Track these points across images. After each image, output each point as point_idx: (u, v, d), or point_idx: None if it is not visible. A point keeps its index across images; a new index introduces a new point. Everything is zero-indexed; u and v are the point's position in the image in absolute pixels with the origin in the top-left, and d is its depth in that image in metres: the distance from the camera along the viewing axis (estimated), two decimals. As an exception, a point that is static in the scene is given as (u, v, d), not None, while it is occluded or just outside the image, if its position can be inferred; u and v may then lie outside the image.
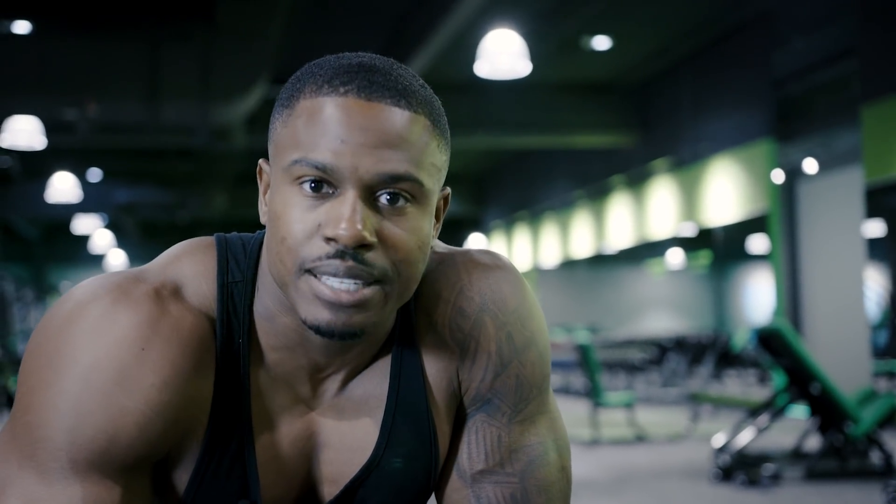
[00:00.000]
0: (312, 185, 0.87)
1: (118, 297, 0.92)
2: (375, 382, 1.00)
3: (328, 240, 0.87)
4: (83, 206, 15.60)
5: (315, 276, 0.88)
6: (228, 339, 0.96)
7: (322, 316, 0.88)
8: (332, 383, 1.00)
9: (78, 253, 20.77)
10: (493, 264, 1.03)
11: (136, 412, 0.90)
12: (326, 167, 0.86)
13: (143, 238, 19.30)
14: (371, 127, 0.87)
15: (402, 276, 0.90)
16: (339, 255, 0.86)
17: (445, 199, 0.98)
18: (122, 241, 19.89)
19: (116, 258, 20.71)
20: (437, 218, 0.97)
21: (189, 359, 0.92)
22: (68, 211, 16.10)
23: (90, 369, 0.89)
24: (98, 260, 20.77)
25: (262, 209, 0.96)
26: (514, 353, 1.01)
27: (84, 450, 0.89)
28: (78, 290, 0.94)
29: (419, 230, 0.90)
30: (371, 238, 0.87)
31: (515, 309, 1.02)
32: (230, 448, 0.95)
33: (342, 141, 0.86)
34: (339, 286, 0.87)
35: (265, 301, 0.97)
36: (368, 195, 0.88)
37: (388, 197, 0.88)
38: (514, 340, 1.01)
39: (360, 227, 0.85)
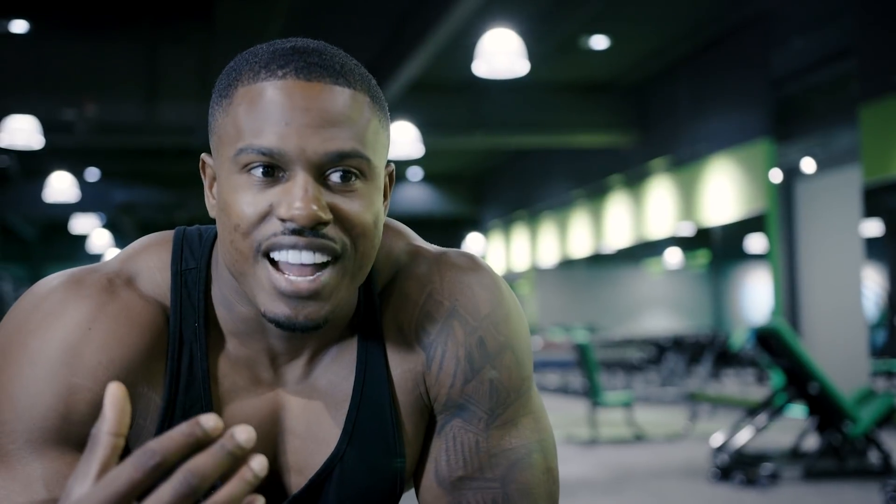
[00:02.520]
0: (263, 170, 0.87)
1: (70, 286, 0.94)
2: (342, 376, 0.99)
3: (283, 221, 0.87)
4: (81, 206, 15.61)
5: (272, 262, 0.88)
6: (183, 324, 0.96)
7: (281, 310, 0.88)
8: (295, 368, 0.99)
9: (76, 252, 20.76)
10: (469, 266, 1.02)
11: (85, 390, 0.91)
12: (273, 151, 0.86)
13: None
14: (314, 107, 0.87)
15: (359, 252, 0.90)
16: (297, 232, 0.86)
17: (391, 175, 0.98)
18: (120, 241, 19.88)
19: (114, 258, 20.66)
20: (385, 195, 0.97)
21: (138, 339, 0.93)
22: (66, 210, 16.10)
23: (38, 351, 0.91)
24: (96, 260, 20.69)
25: (210, 203, 0.96)
26: (487, 358, 0.99)
27: (37, 429, 0.90)
28: (38, 285, 0.96)
29: (372, 206, 0.90)
30: (326, 216, 0.86)
31: (489, 314, 1.00)
32: None
33: (286, 123, 0.86)
34: (297, 265, 0.87)
35: (221, 289, 0.97)
36: (318, 175, 0.87)
37: (340, 174, 0.88)
38: (487, 346, 0.99)
39: (314, 206, 0.85)
